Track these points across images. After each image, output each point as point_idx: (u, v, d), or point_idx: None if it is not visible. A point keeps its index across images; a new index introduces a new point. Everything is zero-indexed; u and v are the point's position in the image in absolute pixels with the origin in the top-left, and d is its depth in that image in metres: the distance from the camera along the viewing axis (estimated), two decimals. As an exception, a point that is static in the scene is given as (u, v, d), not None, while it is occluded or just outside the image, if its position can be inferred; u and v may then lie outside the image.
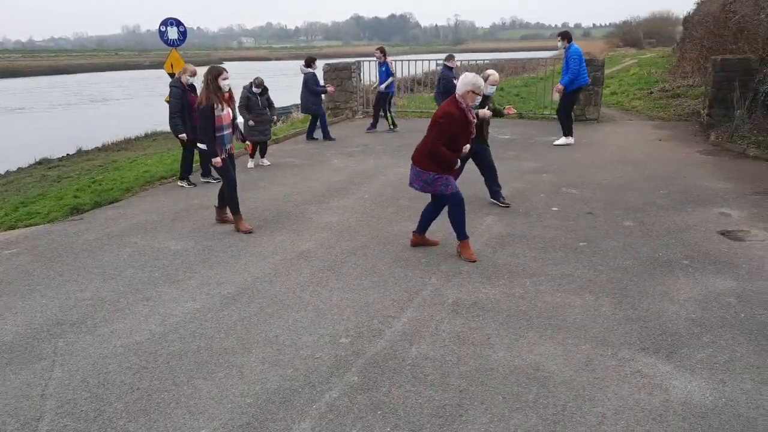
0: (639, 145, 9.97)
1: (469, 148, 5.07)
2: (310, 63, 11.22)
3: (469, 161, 6.22)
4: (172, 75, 9.53)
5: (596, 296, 4.36)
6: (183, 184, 8.23)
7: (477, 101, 4.90)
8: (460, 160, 5.15)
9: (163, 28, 10.50)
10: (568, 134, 10.07)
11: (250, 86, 8.90)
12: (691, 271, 4.75)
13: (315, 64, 11.40)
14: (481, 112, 5.89)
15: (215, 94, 5.79)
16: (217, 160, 5.91)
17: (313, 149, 10.68)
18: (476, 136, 5.20)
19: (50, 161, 13.64)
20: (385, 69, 11.88)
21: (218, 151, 5.92)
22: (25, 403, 3.25)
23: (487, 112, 6.07)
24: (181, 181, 8.28)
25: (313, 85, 11.18)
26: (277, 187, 7.93)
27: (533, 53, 42.63)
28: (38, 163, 13.59)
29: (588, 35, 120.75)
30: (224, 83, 5.83)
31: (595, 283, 4.59)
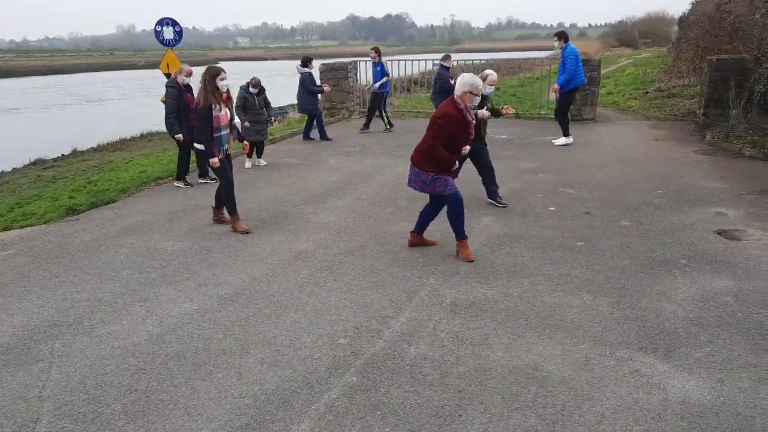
0: (635, 144, 10.00)
1: (468, 149, 5.07)
2: (306, 63, 11.22)
3: (467, 161, 6.22)
4: (168, 75, 9.48)
5: (594, 296, 4.37)
6: (179, 185, 8.21)
7: (476, 102, 4.90)
8: (458, 161, 5.16)
9: (159, 28, 10.46)
10: (563, 133, 10.09)
11: (247, 86, 8.89)
12: (689, 271, 4.76)
13: (312, 64, 11.40)
14: (480, 113, 5.89)
15: (213, 95, 5.78)
16: (215, 161, 5.90)
17: (309, 149, 10.66)
18: (474, 136, 5.19)
19: (45, 162, 13.57)
20: (380, 69, 11.87)
21: (216, 151, 5.90)
22: (22, 405, 3.24)
23: (486, 113, 6.08)
24: (178, 181, 8.25)
25: (309, 85, 11.17)
26: (274, 188, 7.92)
27: (529, 53, 42.69)
28: (33, 163, 13.52)
29: (583, 35, 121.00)
30: (222, 83, 5.82)
31: (593, 282, 4.60)
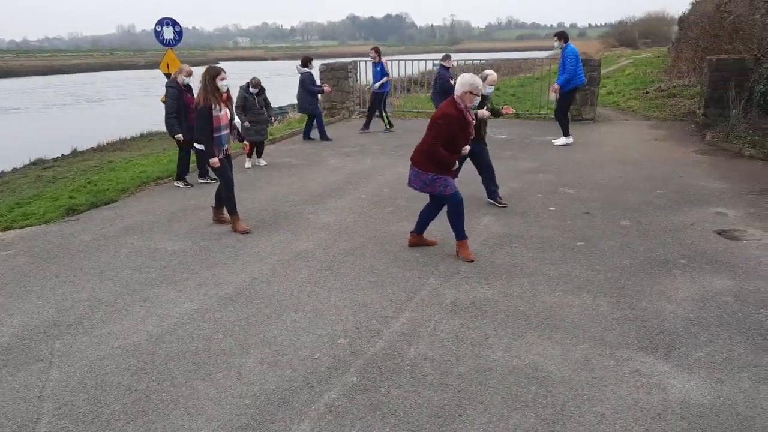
0: (635, 144, 10.00)
1: (468, 149, 5.07)
2: (306, 63, 11.22)
3: (467, 161, 6.22)
4: (168, 75, 9.48)
5: (594, 296, 4.37)
6: (179, 185, 8.21)
7: (476, 102, 4.90)
8: (458, 161, 5.16)
9: (159, 28, 10.45)
10: (563, 133, 10.08)
11: (247, 86, 8.89)
12: (689, 271, 4.76)
13: (312, 64, 11.40)
14: (480, 113, 5.89)
15: (213, 95, 5.78)
16: (215, 161, 5.90)
17: (309, 149, 10.66)
18: (474, 136, 5.19)
19: (45, 162, 13.57)
20: (380, 69, 11.87)
21: (216, 151, 5.90)
22: (22, 405, 3.24)
23: (485, 113, 6.08)
24: (178, 181, 8.26)
25: (309, 85, 11.17)
26: (274, 187, 7.92)
27: (529, 53, 42.67)
28: (33, 163, 13.52)
29: (583, 35, 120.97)
30: (222, 83, 5.82)
31: (593, 282, 4.60)
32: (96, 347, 3.83)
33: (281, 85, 22.49)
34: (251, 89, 8.84)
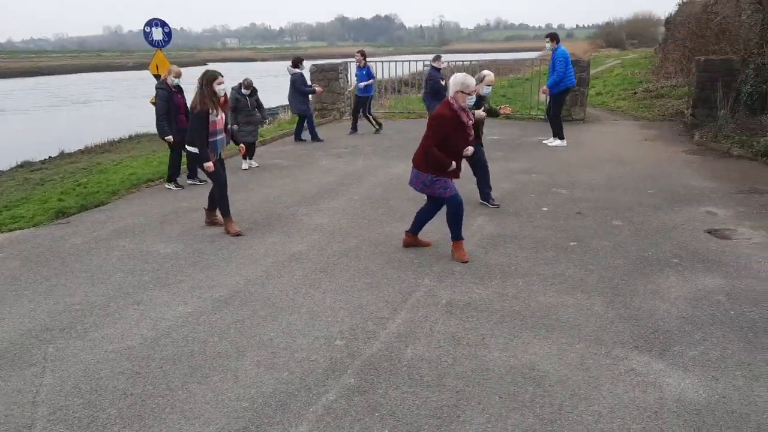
0: (625, 145, 10.07)
1: (471, 150, 5.03)
2: (297, 63, 11.19)
3: (463, 161, 6.22)
4: (157, 77, 9.40)
5: (588, 295, 4.40)
6: (170, 187, 8.15)
7: (470, 101, 4.88)
8: (471, 160, 5.13)
9: (148, 29, 10.37)
10: (559, 136, 10.10)
11: (239, 87, 8.85)
12: (681, 270, 4.80)
13: (303, 65, 11.38)
14: (477, 113, 5.91)
15: (211, 99, 5.75)
16: (209, 165, 5.86)
17: (301, 150, 10.64)
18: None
19: (32, 164, 13.38)
20: (366, 72, 11.89)
21: (210, 156, 5.87)
22: (16, 411, 3.20)
23: (482, 114, 6.10)
24: (169, 183, 8.20)
25: (301, 86, 11.15)
26: (267, 189, 7.89)
27: (518, 54, 42.86)
28: (20, 165, 13.33)
29: (571, 36, 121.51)
30: (219, 88, 5.79)
31: (587, 282, 4.63)
32: (90, 351, 3.79)
33: (272, 86, 22.40)
34: (243, 90, 8.81)
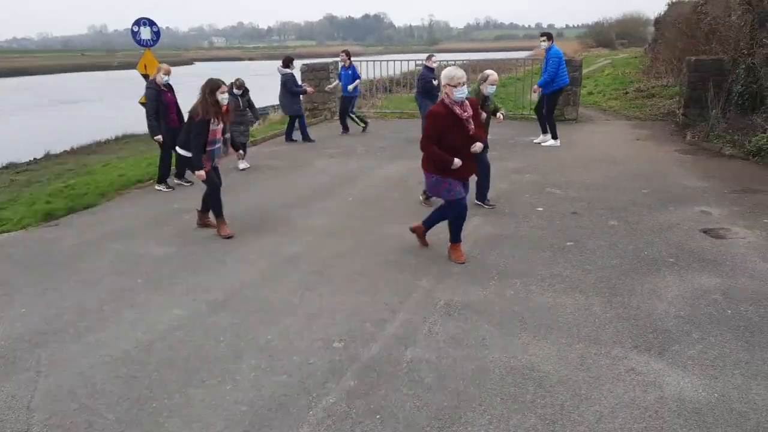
0: (618, 144, 10.11)
1: (480, 146, 4.95)
2: (288, 63, 11.12)
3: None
4: (146, 76, 9.27)
5: (586, 295, 4.40)
6: (161, 188, 8.07)
7: (461, 93, 4.71)
8: (475, 159, 5.10)
9: (136, 28, 10.24)
10: (551, 135, 10.11)
11: (231, 88, 8.77)
12: (677, 269, 4.82)
13: (293, 65, 11.31)
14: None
15: (213, 108, 5.70)
16: (201, 174, 5.80)
17: (293, 151, 10.58)
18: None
19: (17, 165, 13.19)
20: (352, 72, 11.87)
21: (206, 164, 5.82)
22: (10, 416, 3.14)
23: (483, 115, 6.11)
24: (159, 184, 8.12)
25: (292, 86, 11.08)
26: (260, 190, 7.84)
27: (508, 53, 42.90)
28: (4, 167, 13.14)
29: (561, 35, 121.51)
30: (222, 97, 5.74)
31: (585, 282, 4.63)
32: (84, 355, 3.73)
33: (261, 86, 22.25)
34: (235, 90, 8.75)
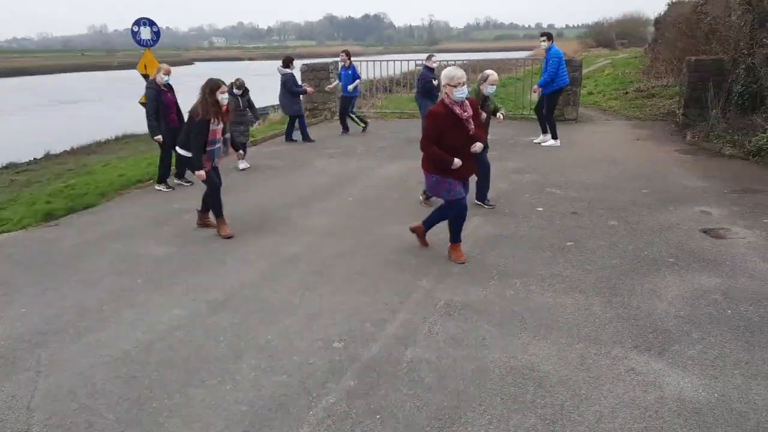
0: (618, 144, 10.11)
1: (480, 146, 4.95)
2: (288, 63, 11.12)
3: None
4: (145, 76, 9.26)
5: (586, 295, 4.40)
6: (161, 188, 8.07)
7: (460, 93, 4.72)
8: (475, 159, 5.10)
9: (136, 28, 10.23)
10: (551, 135, 10.11)
11: (231, 87, 8.77)
12: (677, 269, 4.82)
13: (293, 65, 11.31)
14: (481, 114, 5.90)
15: (213, 108, 5.70)
16: (201, 174, 5.80)
17: (293, 151, 10.58)
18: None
19: (17, 165, 13.19)
20: (352, 72, 11.87)
21: (206, 164, 5.82)
22: (10, 416, 3.14)
23: (483, 115, 6.11)
24: (159, 184, 8.12)
25: (292, 86, 11.08)
26: (260, 190, 7.84)
27: (508, 53, 42.87)
28: (4, 167, 13.15)
29: (561, 35, 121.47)
30: (222, 97, 5.74)
31: (585, 282, 4.63)
32: (84, 355, 3.73)
33: (261, 86, 22.25)
34: (235, 90, 8.75)
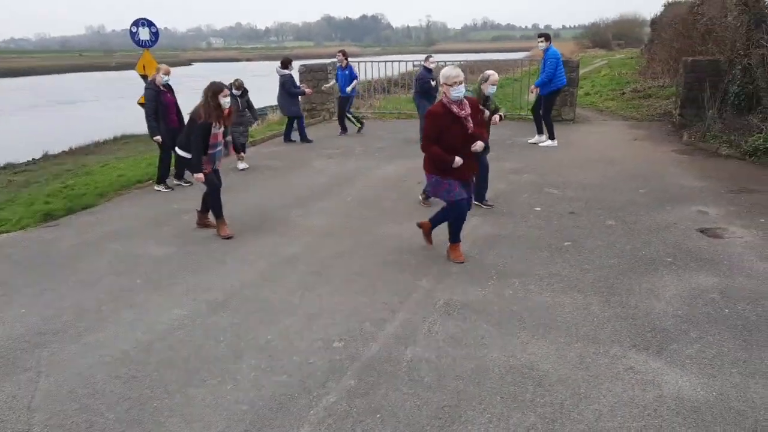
0: (616, 144, 10.14)
1: (481, 145, 4.95)
2: (286, 64, 11.12)
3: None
4: (144, 77, 9.27)
5: (585, 295, 4.41)
6: (160, 188, 8.08)
7: (458, 92, 4.70)
8: (476, 158, 5.11)
9: (135, 29, 10.22)
10: (549, 136, 10.14)
11: (229, 88, 8.76)
12: (675, 269, 4.84)
13: (292, 66, 11.32)
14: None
15: (216, 111, 5.70)
16: (200, 177, 5.81)
17: (292, 151, 10.59)
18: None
19: (15, 166, 13.18)
20: (349, 72, 11.89)
21: (207, 167, 5.82)
22: (11, 416, 3.14)
23: (486, 112, 6.13)
24: (159, 185, 8.12)
25: (291, 87, 11.09)
26: (259, 190, 7.84)
27: (505, 54, 42.97)
28: (3, 168, 13.14)
29: (558, 36, 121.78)
30: (224, 100, 5.74)
31: (583, 281, 4.65)
32: (84, 355, 3.74)
33: (259, 87, 22.24)
34: (234, 91, 8.76)
